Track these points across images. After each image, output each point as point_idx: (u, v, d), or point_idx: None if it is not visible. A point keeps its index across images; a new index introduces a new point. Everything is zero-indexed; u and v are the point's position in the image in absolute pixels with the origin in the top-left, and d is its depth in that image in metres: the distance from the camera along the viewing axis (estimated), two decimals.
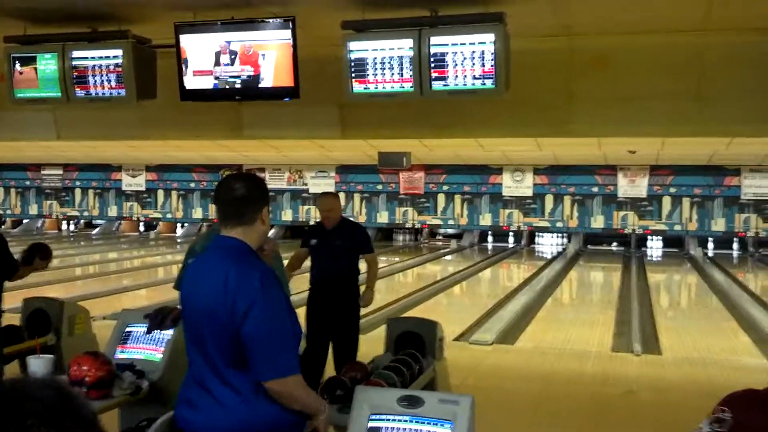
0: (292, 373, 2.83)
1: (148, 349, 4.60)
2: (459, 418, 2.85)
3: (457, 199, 21.84)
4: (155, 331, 4.39)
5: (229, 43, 6.16)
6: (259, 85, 6.19)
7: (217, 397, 2.84)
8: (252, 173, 3.19)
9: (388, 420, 2.95)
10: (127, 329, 4.75)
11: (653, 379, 7.58)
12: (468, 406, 2.88)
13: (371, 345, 6.48)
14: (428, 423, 2.88)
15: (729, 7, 5.73)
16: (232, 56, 6.18)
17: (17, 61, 6.73)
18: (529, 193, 21.19)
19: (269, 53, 6.10)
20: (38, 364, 4.32)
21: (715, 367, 8.03)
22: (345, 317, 6.36)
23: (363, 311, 6.67)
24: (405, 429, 2.91)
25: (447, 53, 5.62)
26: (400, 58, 5.76)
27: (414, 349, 5.22)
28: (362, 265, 6.64)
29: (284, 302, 2.91)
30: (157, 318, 4.32)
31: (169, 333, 4.49)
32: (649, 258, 20.48)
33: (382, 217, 22.54)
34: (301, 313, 4.71)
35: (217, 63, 6.25)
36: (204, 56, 6.27)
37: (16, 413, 1.16)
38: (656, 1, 5.70)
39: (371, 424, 2.96)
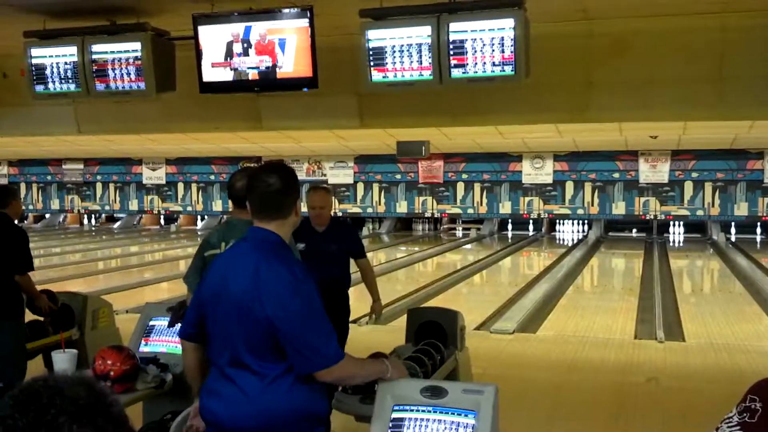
0: (338, 359, 2.82)
1: (171, 342, 4.61)
2: (483, 408, 2.83)
3: (477, 187, 21.77)
4: (178, 324, 4.42)
5: (247, 33, 6.15)
6: (278, 76, 6.19)
7: (241, 387, 2.85)
8: (281, 162, 3.08)
9: (412, 410, 2.93)
10: (151, 323, 4.77)
11: (677, 366, 7.52)
12: (492, 396, 2.86)
13: (392, 335, 6.47)
14: (452, 413, 2.86)
15: None
16: (250, 47, 6.17)
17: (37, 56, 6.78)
18: (549, 180, 21.08)
19: (287, 43, 6.10)
20: (63, 359, 4.34)
21: (739, 353, 7.97)
22: (339, 330, 5.50)
23: (385, 301, 6.56)
24: (429, 419, 2.89)
25: (466, 40, 5.59)
26: (419, 45, 5.73)
27: (435, 339, 5.20)
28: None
29: (317, 295, 2.91)
30: (179, 311, 4.35)
31: None
32: (671, 244, 20.35)
33: (402, 207, 22.51)
34: None
35: (235, 54, 6.25)
36: (222, 47, 6.27)
37: (48, 411, 1.16)
38: None
39: (395, 414, 2.95)
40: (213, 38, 6.28)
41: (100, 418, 1.20)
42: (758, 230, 21.02)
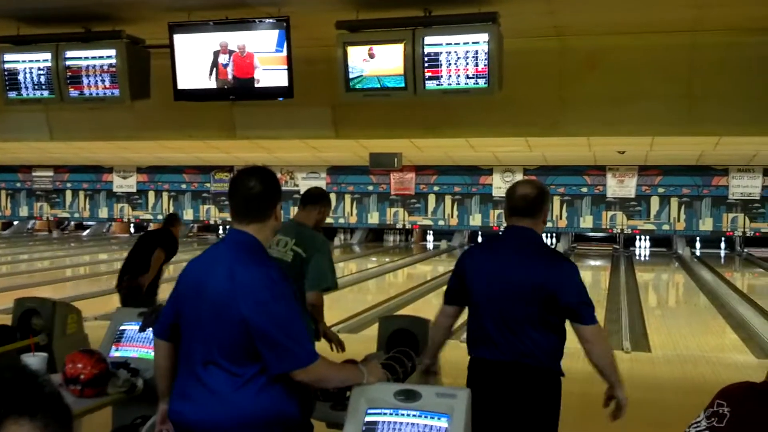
0: (314, 359, 2.84)
1: (142, 347, 4.60)
2: (456, 411, 2.87)
3: (448, 199, 21.88)
4: (149, 329, 4.43)
5: (222, 42, 6.18)
6: (253, 85, 6.21)
7: (212, 388, 2.86)
8: (263, 166, 3.05)
9: (385, 414, 2.96)
10: (121, 328, 4.75)
11: (643, 377, 7.62)
12: (465, 399, 2.90)
13: (364, 344, 6.48)
14: (425, 416, 2.90)
15: (719, 8, 5.78)
16: (226, 56, 6.19)
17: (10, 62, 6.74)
18: None
19: (263, 53, 6.12)
20: (33, 363, 4.33)
21: (704, 365, 8.09)
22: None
23: (356, 310, 6.57)
24: (402, 423, 2.93)
25: (441, 53, 5.66)
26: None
27: (407, 347, 5.24)
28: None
29: (293, 296, 2.94)
30: (151, 316, 4.35)
31: None
32: (637, 257, 20.57)
33: (373, 218, 22.56)
34: None
35: (211, 63, 6.26)
36: (198, 56, 6.28)
37: None
38: (647, 2, 5.75)
39: (368, 418, 2.98)
40: (189, 46, 6.30)
41: (35, 401, 1.15)
42: (722, 245, 21.40)
